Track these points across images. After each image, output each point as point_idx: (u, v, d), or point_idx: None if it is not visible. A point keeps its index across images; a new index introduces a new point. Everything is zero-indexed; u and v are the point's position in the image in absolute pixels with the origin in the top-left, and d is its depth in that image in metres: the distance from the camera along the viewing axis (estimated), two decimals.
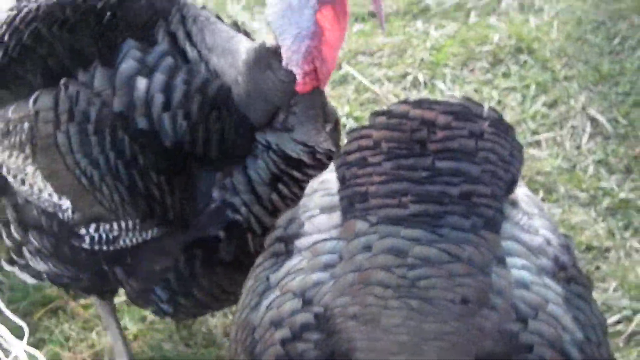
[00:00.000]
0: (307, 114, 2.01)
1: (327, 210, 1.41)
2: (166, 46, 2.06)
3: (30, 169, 2.19)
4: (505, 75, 3.49)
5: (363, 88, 3.48)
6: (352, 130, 1.43)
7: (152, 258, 2.12)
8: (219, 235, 2.04)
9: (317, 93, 2.01)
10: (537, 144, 3.19)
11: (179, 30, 2.09)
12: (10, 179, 2.27)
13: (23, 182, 2.23)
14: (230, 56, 2.07)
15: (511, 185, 1.39)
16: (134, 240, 2.12)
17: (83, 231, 2.15)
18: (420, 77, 3.47)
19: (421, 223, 1.30)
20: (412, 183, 1.32)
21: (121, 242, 2.13)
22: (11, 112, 2.19)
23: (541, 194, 2.95)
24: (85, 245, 2.15)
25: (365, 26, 3.84)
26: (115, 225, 2.12)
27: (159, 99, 1.98)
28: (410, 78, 3.47)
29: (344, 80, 3.54)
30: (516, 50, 3.59)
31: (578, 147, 3.16)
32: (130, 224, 2.10)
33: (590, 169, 3.04)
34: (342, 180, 1.38)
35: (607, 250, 2.77)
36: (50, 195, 2.18)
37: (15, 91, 2.21)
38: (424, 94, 3.41)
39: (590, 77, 3.44)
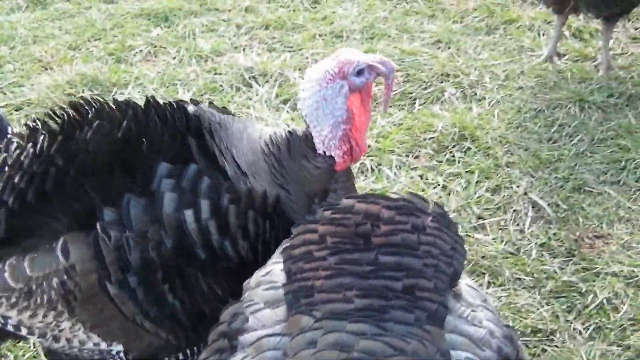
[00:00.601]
0: (346, 187, 2.11)
1: (271, 304, 1.41)
2: (201, 164, 1.98)
3: (66, 324, 2.06)
4: (450, 161, 3.59)
5: None
6: (298, 225, 1.45)
7: None
8: None
9: (349, 169, 2.14)
10: (482, 228, 3.26)
11: (212, 138, 2.03)
12: (35, 339, 2.15)
13: (56, 339, 2.09)
14: (257, 161, 2.06)
15: (454, 278, 1.42)
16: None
17: None
18: (368, 164, 3.54)
19: (366, 317, 1.31)
20: (357, 277, 1.34)
21: None
22: (29, 269, 2.01)
23: (487, 278, 3.00)
24: None
25: None
26: (180, 355, 2.10)
27: (213, 227, 1.93)
28: (358, 164, 3.54)
29: None
30: (459, 137, 3.71)
31: (521, 231, 3.23)
32: (195, 349, 2.09)
33: (534, 253, 3.11)
34: (288, 274, 1.40)
35: (552, 333, 2.80)
36: (96, 344, 2.08)
37: (24, 241, 2.05)
38: (372, 180, 3.47)
39: (531, 163, 3.56)
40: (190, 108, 2.11)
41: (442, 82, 4.16)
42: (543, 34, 4.63)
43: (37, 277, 2.01)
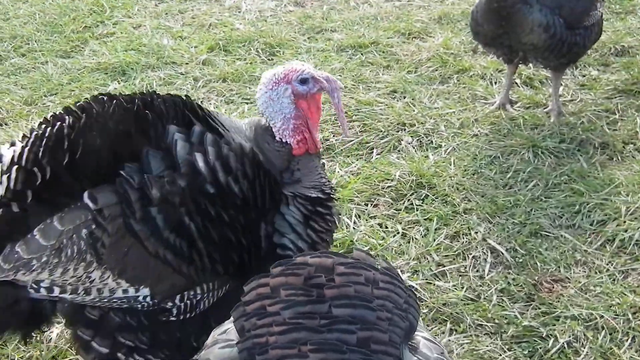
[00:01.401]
0: (308, 167, 2.56)
1: None
2: (202, 127, 2.34)
3: (96, 274, 2.25)
4: (408, 209, 3.62)
5: None
6: (250, 281, 1.44)
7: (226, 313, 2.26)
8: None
9: (313, 154, 2.60)
10: (443, 275, 3.27)
11: (207, 116, 2.41)
12: (67, 296, 2.30)
13: (88, 291, 2.29)
14: (241, 133, 2.49)
15: (409, 332, 1.41)
16: (212, 300, 2.39)
17: (170, 304, 2.33)
18: None
19: None
20: (311, 331, 1.33)
21: (201, 306, 2.38)
22: (59, 225, 2.20)
23: (449, 325, 3.00)
24: (173, 317, 2.35)
25: None
26: (198, 290, 2.35)
27: (219, 166, 2.28)
28: None
29: None
30: (417, 185, 3.75)
31: (481, 277, 3.25)
32: (210, 285, 2.36)
33: (494, 298, 3.12)
34: (241, 331, 1.38)
35: None
36: (125, 290, 2.29)
37: (54, 204, 2.24)
38: None
39: (488, 209, 3.60)
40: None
41: (398, 131, 4.21)
42: (495, 82, 4.74)
43: (68, 230, 2.19)
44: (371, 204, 3.65)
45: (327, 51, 5.17)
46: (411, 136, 4.17)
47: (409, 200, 3.66)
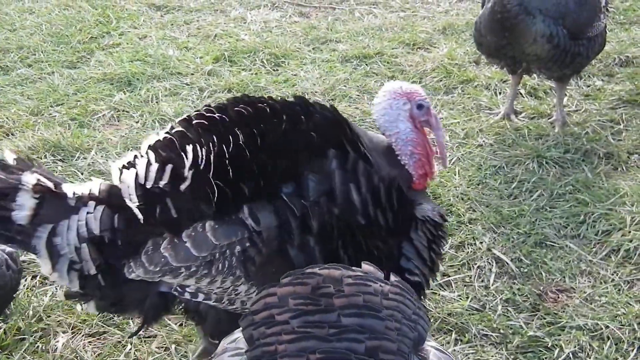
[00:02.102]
0: (422, 195, 2.58)
1: None
2: (352, 152, 2.35)
3: (242, 288, 2.33)
4: None
5: None
6: (260, 290, 1.45)
7: None
8: None
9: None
10: (448, 285, 3.27)
11: (356, 139, 2.39)
12: (210, 303, 2.39)
13: (232, 302, 2.38)
14: (380, 153, 2.47)
15: (418, 343, 1.42)
16: None
17: None
18: None
19: None
20: (320, 340, 1.34)
21: None
22: (214, 238, 2.24)
23: (454, 335, 3.00)
24: None
25: None
26: None
27: (370, 198, 2.32)
28: None
29: None
30: None
31: (486, 287, 3.25)
32: None
33: (499, 308, 3.12)
34: (250, 340, 1.38)
35: None
36: None
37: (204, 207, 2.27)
38: None
39: (493, 219, 3.61)
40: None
41: None
42: (500, 93, 4.76)
43: (222, 246, 2.25)
44: None
45: (331, 62, 5.19)
46: None
47: None
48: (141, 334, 2.98)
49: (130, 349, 2.93)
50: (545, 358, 2.90)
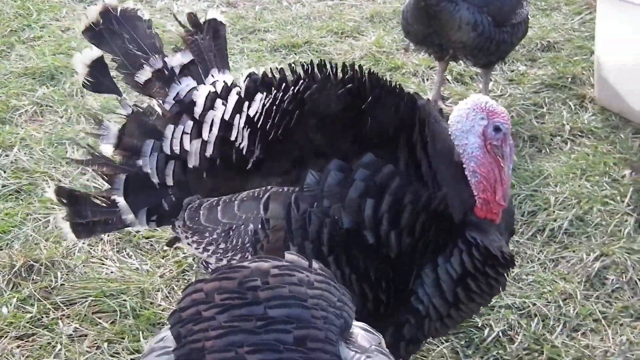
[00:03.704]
0: (491, 227, 2.30)
1: None
2: (403, 160, 2.23)
3: None
4: None
5: None
6: (186, 287, 1.43)
7: None
8: (408, 320, 2.29)
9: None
10: None
11: (418, 142, 2.26)
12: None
13: None
14: (447, 164, 2.30)
15: (345, 329, 1.43)
16: None
17: None
18: None
19: None
20: (248, 334, 1.33)
21: None
22: (237, 208, 2.30)
23: None
24: None
25: None
26: None
27: (387, 219, 2.17)
28: None
29: None
30: None
31: None
32: None
33: None
34: (178, 338, 1.37)
35: None
36: None
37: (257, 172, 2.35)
38: None
39: None
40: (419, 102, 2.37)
41: None
42: (427, 79, 4.83)
43: (240, 217, 2.30)
44: None
45: (260, 51, 5.17)
46: None
47: None
48: (72, 333, 2.93)
49: (61, 350, 2.87)
50: (476, 337, 2.98)
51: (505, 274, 2.35)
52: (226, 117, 2.43)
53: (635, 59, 4.24)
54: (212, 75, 2.63)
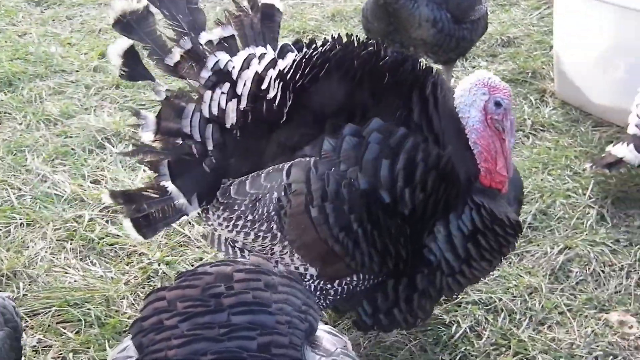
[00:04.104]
0: (498, 195, 2.48)
1: None
2: (417, 112, 2.38)
3: (277, 248, 2.44)
4: None
5: (173, 232, 3.47)
6: (147, 295, 1.41)
7: (371, 292, 2.52)
8: (421, 270, 2.44)
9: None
10: None
11: (431, 98, 2.40)
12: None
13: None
14: (451, 126, 2.43)
15: (310, 333, 1.42)
16: (365, 286, 2.49)
17: (329, 286, 2.48)
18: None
19: None
20: (211, 341, 1.32)
21: (357, 289, 2.50)
22: (263, 179, 2.42)
23: None
24: (330, 298, 2.53)
25: None
26: (355, 278, 2.45)
27: (401, 177, 2.30)
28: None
29: None
30: None
31: None
32: (368, 276, 2.45)
33: None
34: (140, 348, 1.35)
35: None
36: (296, 267, 2.45)
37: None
38: None
39: None
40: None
41: None
42: None
43: (266, 187, 2.40)
44: None
45: None
46: None
47: None
48: (36, 345, 2.87)
49: None
50: (444, 334, 2.99)
51: (514, 237, 2.50)
52: (259, 71, 2.51)
53: (593, 53, 4.30)
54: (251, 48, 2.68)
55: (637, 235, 3.48)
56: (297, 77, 2.43)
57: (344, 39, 2.51)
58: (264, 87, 2.48)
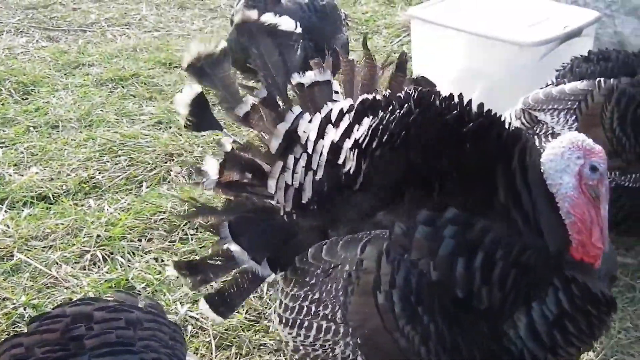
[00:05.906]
0: (590, 270, 2.18)
1: None
2: (502, 198, 2.14)
3: (340, 346, 2.27)
4: (183, 240, 3.60)
5: (39, 273, 3.33)
6: (2, 342, 1.36)
7: None
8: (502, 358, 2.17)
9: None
10: None
11: (518, 171, 2.17)
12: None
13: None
14: (542, 197, 2.18)
15: None
16: None
17: None
18: (99, 254, 3.44)
19: None
20: None
21: None
22: (340, 247, 2.24)
23: (233, 349, 3.03)
24: None
25: (34, 209, 3.73)
26: None
27: (478, 276, 2.07)
28: (88, 257, 3.42)
29: (17, 268, 3.37)
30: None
31: (261, 297, 3.31)
32: None
33: (273, 317, 3.19)
34: None
35: None
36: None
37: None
38: (105, 270, 3.37)
39: None
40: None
41: (166, 162, 4.19)
42: None
43: (340, 256, 2.23)
44: (145, 239, 3.59)
45: (85, 86, 5.01)
46: (180, 166, 4.16)
47: (183, 230, 3.65)
48: None
49: None
50: None
51: (607, 316, 2.21)
52: (335, 140, 2.34)
53: (449, 76, 4.54)
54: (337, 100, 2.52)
55: None
56: (374, 145, 2.27)
57: (424, 99, 2.30)
58: (340, 160, 2.32)
